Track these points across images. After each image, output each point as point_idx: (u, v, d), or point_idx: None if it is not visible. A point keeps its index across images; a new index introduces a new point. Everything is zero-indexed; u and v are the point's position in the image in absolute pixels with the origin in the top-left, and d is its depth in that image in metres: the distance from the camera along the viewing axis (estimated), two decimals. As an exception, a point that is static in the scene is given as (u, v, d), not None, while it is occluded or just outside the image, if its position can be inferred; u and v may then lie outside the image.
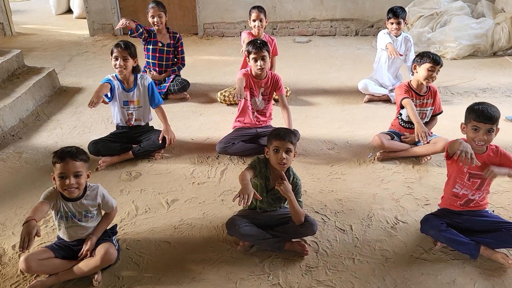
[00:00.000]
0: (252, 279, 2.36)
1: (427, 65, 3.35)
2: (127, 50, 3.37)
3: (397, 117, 3.62)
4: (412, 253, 2.52)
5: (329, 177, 3.32)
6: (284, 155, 2.42)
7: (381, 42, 4.53)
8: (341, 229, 2.74)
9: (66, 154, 2.24)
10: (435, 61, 3.34)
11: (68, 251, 2.41)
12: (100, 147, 3.45)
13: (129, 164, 3.49)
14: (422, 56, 3.41)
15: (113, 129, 3.71)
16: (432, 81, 3.40)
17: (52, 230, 2.73)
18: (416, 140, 3.30)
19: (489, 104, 2.47)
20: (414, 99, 3.46)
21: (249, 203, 2.27)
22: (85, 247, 2.38)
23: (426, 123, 3.54)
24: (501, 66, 5.64)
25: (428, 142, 3.25)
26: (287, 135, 2.46)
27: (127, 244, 2.62)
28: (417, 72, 3.44)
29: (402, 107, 3.47)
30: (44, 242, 2.62)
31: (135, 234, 2.72)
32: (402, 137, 3.55)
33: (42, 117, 4.39)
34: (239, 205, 2.22)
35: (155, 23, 4.59)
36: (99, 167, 3.39)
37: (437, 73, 3.38)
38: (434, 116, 3.60)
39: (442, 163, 3.38)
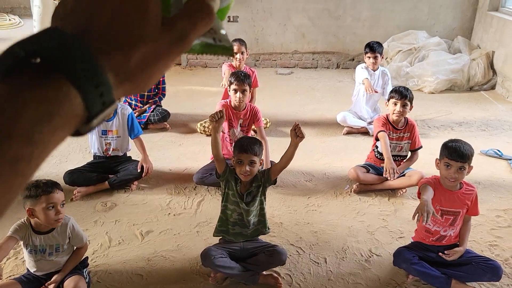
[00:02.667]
0: (223, 314, 2.33)
1: (392, 100, 3.46)
2: None
3: (373, 150, 3.68)
4: (385, 287, 2.52)
5: (306, 209, 3.33)
6: (247, 167, 2.44)
7: (358, 77, 4.63)
8: (316, 261, 2.74)
9: (52, 185, 2.25)
10: (399, 94, 3.44)
11: (36, 283, 2.37)
12: (76, 177, 3.42)
13: (105, 195, 3.46)
14: (391, 92, 3.53)
15: (90, 159, 3.69)
16: (401, 115, 3.47)
17: (21, 262, 2.67)
18: (384, 175, 3.33)
19: (462, 142, 2.52)
20: (391, 132, 3.53)
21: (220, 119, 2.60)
22: (50, 285, 2.34)
23: (405, 158, 3.60)
24: (477, 101, 5.78)
25: (394, 179, 3.31)
26: (250, 148, 2.46)
27: (98, 277, 2.58)
28: (387, 107, 3.55)
29: (378, 139, 3.53)
30: (14, 274, 2.56)
31: (107, 266, 2.68)
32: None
33: (19, 145, 4.34)
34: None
35: None
36: (74, 198, 3.36)
37: (404, 107, 3.45)
38: (414, 151, 3.66)
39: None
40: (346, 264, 2.72)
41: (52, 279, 2.34)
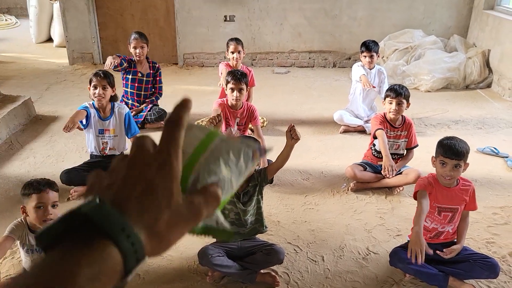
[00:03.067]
0: (221, 312, 2.33)
1: (388, 98, 3.48)
2: (106, 79, 3.40)
3: (370, 148, 3.68)
4: (382, 285, 2.53)
5: (303, 207, 3.33)
6: None
7: (355, 74, 4.64)
8: (313, 260, 2.74)
9: (44, 185, 2.23)
10: (393, 92, 3.45)
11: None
12: (73, 176, 3.42)
13: (102, 194, 3.44)
14: (386, 90, 3.55)
15: (87, 158, 3.69)
16: (397, 113, 3.48)
17: (18, 262, 2.66)
18: (383, 173, 3.34)
19: (458, 140, 2.52)
20: (389, 130, 3.54)
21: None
22: None
23: (402, 156, 3.61)
24: (473, 99, 5.79)
25: (393, 176, 3.32)
26: None
27: (95, 276, 2.57)
28: (384, 106, 3.55)
29: (375, 137, 3.54)
30: (10, 274, 2.55)
31: (104, 265, 2.67)
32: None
33: (15, 145, 4.34)
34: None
35: (137, 54, 4.63)
36: (71, 197, 3.35)
37: (399, 105, 3.45)
38: (410, 150, 3.66)
39: (414, 193, 3.43)
40: (343, 262, 2.72)
41: None
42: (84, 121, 3.42)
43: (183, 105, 0.52)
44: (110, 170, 0.50)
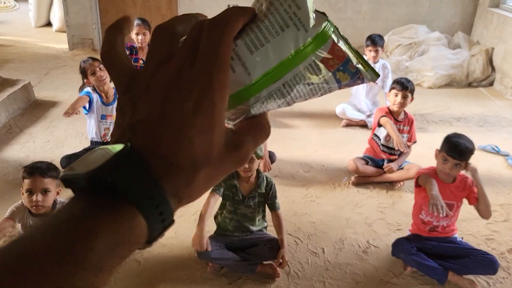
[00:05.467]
0: (221, 301, 2.33)
1: (393, 90, 3.46)
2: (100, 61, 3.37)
3: (373, 139, 3.66)
4: (382, 277, 2.53)
5: (304, 199, 3.32)
6: (246, 165, 2.42)
7: (359, 68, 4.61)
8: (313, 252, 2.74)
9: (35, 170, 2.19)
10: (400, 85, 3.43)
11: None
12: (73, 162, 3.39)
13: (102, 180, 3.43)
14: (392, 82, 3.53)
15: (87, 144, 3.66)
16: (402, 106, 3.46)
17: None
18: (396, 148, 3.35)
19: (465, 139, 2.51)
20: (392, 123, 3.52)
21: (203, 249, 2.37)
22: None
23: (401, 153, 3.60)
24: (475, 97, 5.78)
25: (405, 151, 3.36)
26: None
27: (95, 262, 2.56)
28: (388, 98, 3.54)
29: (379, 125, 3.51)
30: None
31: (103, 251, 2.66)
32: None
33: (14, 130, 4.31)
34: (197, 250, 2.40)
35: (139, 40, 4.59)
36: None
37: (404, 99, 3.44)
38: (408, 146, 3.65)
39: (415, 189, 3.43)
40: (343, 254, 2.72)
41: None
42: (86, 106, 3.39)
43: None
44: (138, 85, 0.38)
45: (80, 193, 0.35)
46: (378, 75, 0.42)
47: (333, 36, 0.39)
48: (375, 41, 4.48)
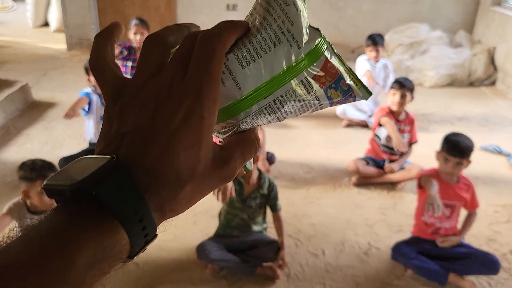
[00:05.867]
0: (220, 304, 2.30)
1: (391, 90, 3.43)
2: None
3: (374, 139, 3.63)
4: (383, 280, 2.50)
5: (304, 201, 3.29)
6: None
7: (359, 69, 4.58)
8: (314, 253, 2.71)
9: (48, 168, 2.18)
10: (398, 84, 3.41)
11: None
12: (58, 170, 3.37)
13: (101, 182, 3.41)
14: (391, 83, 3.51)
15: (85, 146, 3.64)
16: (400, 105, 3.43)
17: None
18: (396, 149, 3.29)
19: (463, 137, 2.49)
20: (393, 124, 3.48)
21: (227, 199, 2.33)
22: None
23: (402, 154, 3.57)
24: (477, 96, 5.75)
25: (406, 152, 3.30)
26: None
27: (92, 265, 2.54)
28: (388, 98, 3.51)
29: (380, 125, 3.48)
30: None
31: (101, 254, 2.63)
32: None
33: (12, 131, 4.29)
34: (218, 200, 2.34)
35: (138, 40, 4.56)
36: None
37: (403, 98, 3.40)
38: (409, 146, 3.62)
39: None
40: (344, 256, 2.69)
41: None
42: (86, 108, 3.36)
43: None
44: (125, 94, 0.37)
45: (63, 204, 0.34)
46: (370, 94, 0.42)
47: (326, 53, 0.39)
48: (375, 40, 4.45)
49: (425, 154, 3.82)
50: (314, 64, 0.38)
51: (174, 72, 0.36)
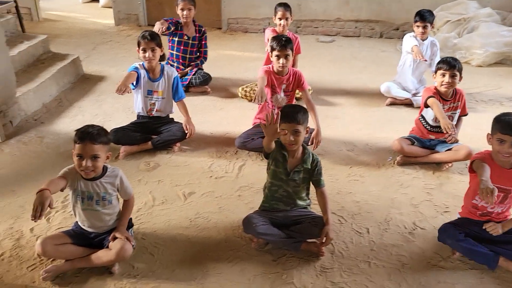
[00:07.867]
0: (265, 277, 2.35)
1: (440, 71, 3.32)
2: (154, 41, 3.40)
3: (420, 120, 3.55)
4: (429, 260, 2.48)
5: (348, 178, 3.29)
6: (291, 137, 2.41)
7: (406, 45, 4.47)
8: (358, 231, 2.72)
9: (86, 136, 2.22)
10: (447, 65, 3.28)
11: (84, 239, 2.40)
12: (121, 135, 3.47)
13: (148, 155, 3.51)
14: (438, 62, 3.39)
15: (133, 118, 3.73)
16: (450, 86, 3.32)
17: (70, 216, 2.75)
18: (444, 132, 3.19)
19: None
20: (441, 104, 3.39)
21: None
22: (115, 234, 2.36)
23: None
24: (529, 76, 5.51)
25: (454, 136, 3.20)
26: (292, 117, 2.41)
27: (143, 234, 2.64)
28: (435, 80, 3.41)
29: (426, 106, 3.40)
30: (62, 227, 2.64)
31: (151, 224, 2.73)
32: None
33: (64, 103, 4.44)
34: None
35: (184, 15, 4.60)
36: (120, 157, 3.42)
37: (453, 78, 3.29)
38: (459, 118, 3.53)
39: (464, 170, 3.32)
40: (389, 235, 2.69)
41: (117, 234, 2.35)
42: (134, 82, 3.44)
43: None
44: None
45: None
46: None
47: None
48: (424, 16, 4.32)
49: (473, 134, 3.73)
50: None
51: None
